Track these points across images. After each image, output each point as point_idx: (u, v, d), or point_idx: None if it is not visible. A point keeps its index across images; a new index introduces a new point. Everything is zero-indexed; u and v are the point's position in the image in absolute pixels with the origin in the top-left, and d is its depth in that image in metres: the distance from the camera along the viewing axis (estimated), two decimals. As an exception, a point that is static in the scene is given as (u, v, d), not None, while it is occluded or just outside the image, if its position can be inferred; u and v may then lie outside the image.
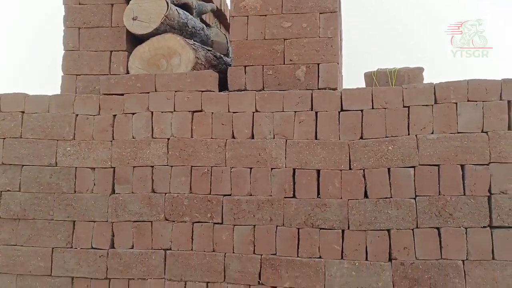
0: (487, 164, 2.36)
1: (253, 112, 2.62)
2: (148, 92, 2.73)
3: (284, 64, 2.74)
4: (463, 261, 2.33)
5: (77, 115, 2.78)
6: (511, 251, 2.29)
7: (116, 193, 2.69)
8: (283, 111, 2.59)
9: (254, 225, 2.54)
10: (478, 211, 2.34)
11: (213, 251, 2.57)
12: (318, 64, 2.70)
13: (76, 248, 2.68)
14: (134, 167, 2.69)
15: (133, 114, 2.73)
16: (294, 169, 2.54)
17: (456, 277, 2.32)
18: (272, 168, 2.56)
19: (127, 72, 2.91)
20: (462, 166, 2.38)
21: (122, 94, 2.76)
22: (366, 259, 2.42)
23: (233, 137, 2.63)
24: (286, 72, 2.73)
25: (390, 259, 2.40)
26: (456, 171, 2.38)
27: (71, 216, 2.70)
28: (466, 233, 2.34)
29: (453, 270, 2.32)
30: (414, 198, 2.41)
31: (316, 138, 2.55)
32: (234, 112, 2.64)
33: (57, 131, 2.76)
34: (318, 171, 2.52)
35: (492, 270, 2.29)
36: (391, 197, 2.43)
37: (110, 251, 2.65)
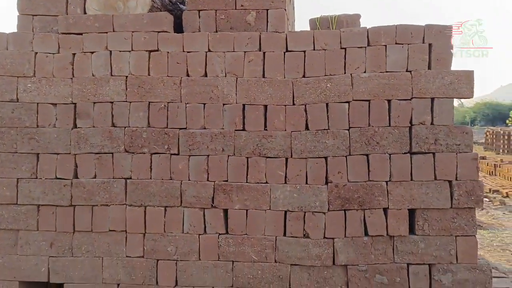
0: (410, 99, 2.73)
1: (206, 52, 2.84)
2: (106, 32, 2.88)
3: (235, 9, 2.94)
4: (386, 182, 2.72)
5: (36, 53, 2.90)
6: (425, 172, 2.69)
7: (78, 127, 2.88)
8: (233, 51, 2.83)
9: (208, 155, 2.82)
10: (401, 140, 2.72)
11: (171, 179, 2.83)
12: (267, 10, 2.92)
13: (41, 179, 2.87)
14: (94, 103, 2.87)
15: (92, 53, 2.88)
16: (243, 105, 2.82)
17: (380, 196, 2.71)
18: (223, 104, 2.83)
19: (85, 13, 3.02)
20: (389, 101, 2.74)
21: (81, 34, 2.90)
22: (306, 182, 2.77)
23: (188, 75, 2.85)
24: (238, 16, 2.93)
25: (326, 182, 2.76)
26: (383, 106, 2.74)
27: (35, 149, 2.87)
28: (390, 158, 2.72)
29: (378, 190, 2.72)
30: (348, 129, 2.76)
31: (263, 76, 2.82)
32: (188, 52, 2.85)
33: (17, 68, 2.88)
34: (265, 106, 2.81)
35: (410, 189, 2.70)
36: (328, 129, 2.76)
37: (74, 180, 2.86)
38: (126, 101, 2.86)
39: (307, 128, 2.78)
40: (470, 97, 2.68)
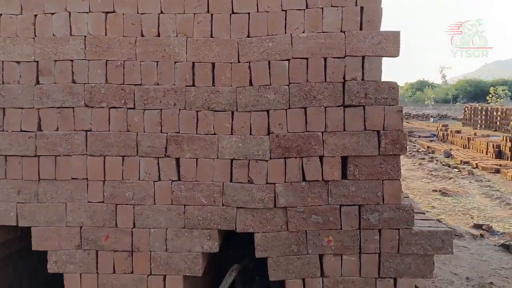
0: (343, 57, 3.00)
1: (159, 14, 3.07)
2: (66, -5, 3.09)
3: (187, -26, 3.16)
4: (322, 132, 3.02)
5: (0, 14, 3.10)
6: (357, 123, 3.00)
7: (41, 84, 3.11)
8: (184, 13, 3.07)
9: (161, 109, 3.08)
10: (335, 94, 3.01)
11: (127, 131, 3.10)
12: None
13: (7, 131, 3.11)
14: (55, 61, 3.10)
15: (53, 14, 3.10)
16: (193, 63, 3.07)
17: (316, 145, 3.01)
18: (175, 62, 3.07)
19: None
20: (325, 59, 3.01)
21: (41, -4, 3.10)
22: (250, 133, 3.05)
23: (142, 35, 3.09)
24: (190, -19, 3.15)
25: (268, 133, 3.05)
26: (320, 63, 3.01)
27: (1, 104, 3.10)
28: (325, 111, 3.01)
29: (314, 140, 3.01)
30: (288, 85, 3.03)
31: (211, 36, 3.06)
32: (142, 14, 3.08)
33: (-18, 29, 3.08)
34: (213, 64, 3.07)
35: (343, 139, 3.01)
36: (270, 84, 3.04)
37: (38, 133, 3.10)
38: (85, 59, 3.09)
39: (251, 84, 3.05)
40: (396, 55, 2.96)
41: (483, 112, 26.33)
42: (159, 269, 3.12)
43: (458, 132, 20.11)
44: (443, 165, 14.05)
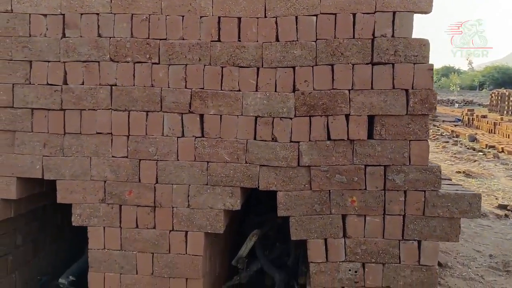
0: (373, 13, 2.91)
1: (185, -33, 3.03)
2: None
3: None
4: (349, 90, 2.95)
5: (27, -34, 3.10)
6: (385, 81, 2.92)
7: (67, 37, 3.11)
8: (210, -34, 3.01)
9: (186, 64, 3.05)
10: (363, 51, 2.93)
11: (152, 86, 3.08)
12: None
13: (34, 84, 3.13)
14: (81, 14, 3.09)
15: (79, -34, 3.08)
16: (219, 17, 3.02)
17: (343, 103, 2.95)
18: (201, 16, 3.03)
19: None
20: (354, 15, 2.93)
21: (68, -52, 3.09)
22: (275, 90, 3.01)
23: (168, -12, 3.05)
24: None
25: (293, 90, 3.00)
26: (348, 19, 2.93)
27: (28, 57, 3.12)
28: (352, 68, 2.94)
29: (340, 97, 2.95)
30: (315, 41, 2.97)
31: (238, -10, 3.01)
32: (168, -34, 3.04)
33: (10, -19, 3.09)
34: (239, 19, 3.01)
35: (370, 97, 2.94)
36: (297, 40, 2.97)
37: (64, 86, 3.12)
38: (111, 13, 3.07)
39: (277, 39, 2.99)
40: (428, 11, 2.86)
41: (511, 98, 25.59)
42: (181, 225, 3.13)
43: (484, 117, 19.63)
44: (468, 148, 13.76)
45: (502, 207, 7.65)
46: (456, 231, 2.96)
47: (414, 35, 2.91)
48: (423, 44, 2.89)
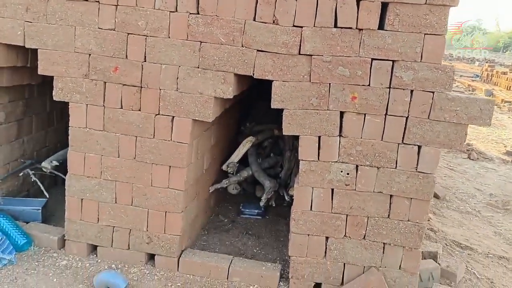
0: None
1: None
2: None
3: None
4: (364, -29, 2.62)
5: None
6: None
7: None
8: None
9: None
10: None
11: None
12: None
13: None
14: None
15: None
16: None
17: (355, -15, 2.63)
18: None
19: None
20: None
21: None
22: None
23: None
24: None
25: None
26: None
27: None
28: None
29: (354, -21, 2.62)
30: None
31: None
32: None
33: None
34: None
35: None
36: None
37: None
38: None
39: None
40: None
41: (535, 59, 24.57)
42: (167, 109, 2.93)
43: (504, 73, 18.94)
44: (483, 101, 13.32)
45: (509, 153, 7.41)
46: (461, 138, 2.73)
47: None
48: None
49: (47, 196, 3.66)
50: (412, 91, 2.70)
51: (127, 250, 3.16)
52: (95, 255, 3.22)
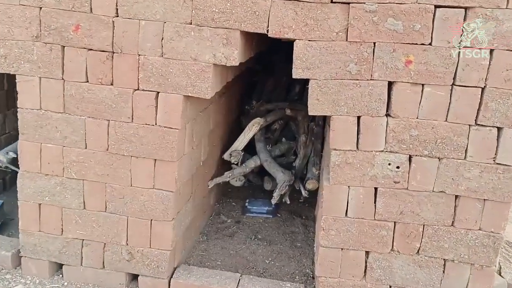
0: None
1: None
2: None
3: None
4: None
5: None
6: None
7: None
8: None
9: None
10: None
11: None
12: None
13: None
14: None
15: None
16: None
17: None
18: None
19: None
20: None
21: None
22: None
23: None
24: None
25: None
26: None
27: None
28: None
29: None
30: None
31: None
32: None
33: None
34: None
35: None
36: None
37: None
38: None
39: None
40: None
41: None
42: (149, 82, 2.15)
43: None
44: None
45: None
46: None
47: None
48: None
49: None
50: (492, 50, 1.92)
51: (102, 269, 2.43)
52: (60, 276, 2.51)
